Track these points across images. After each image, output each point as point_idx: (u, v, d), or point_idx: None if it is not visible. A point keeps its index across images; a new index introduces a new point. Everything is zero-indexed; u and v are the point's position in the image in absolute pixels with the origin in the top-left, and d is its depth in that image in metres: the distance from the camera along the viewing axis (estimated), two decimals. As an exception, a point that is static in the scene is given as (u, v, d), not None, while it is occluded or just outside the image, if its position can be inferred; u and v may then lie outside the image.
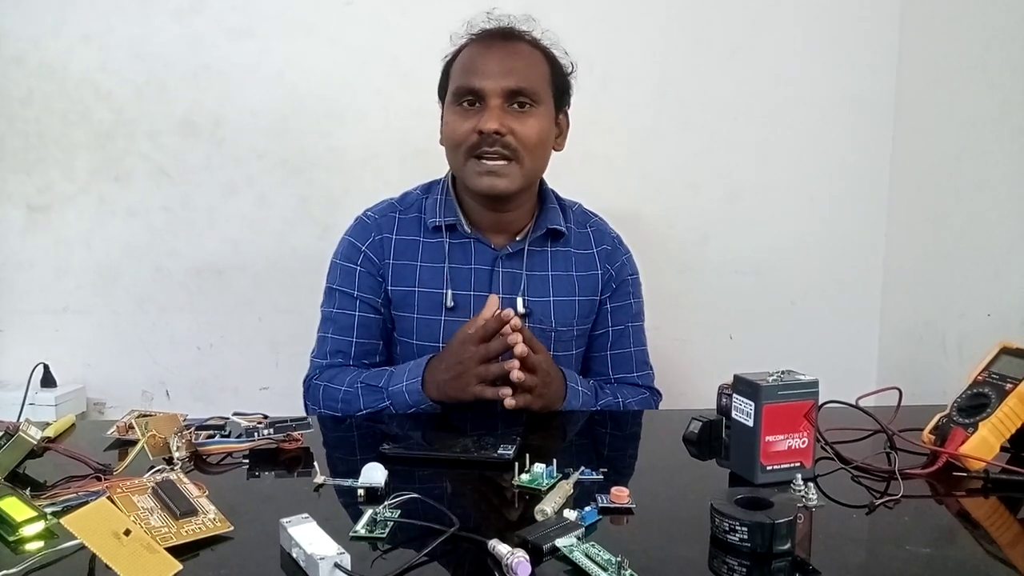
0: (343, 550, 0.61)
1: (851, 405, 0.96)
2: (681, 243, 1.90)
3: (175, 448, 0.87)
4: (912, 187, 1.85)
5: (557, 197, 1.34)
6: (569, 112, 1.32)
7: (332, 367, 1.27)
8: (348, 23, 1.80)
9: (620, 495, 0.77)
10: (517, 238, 1.28)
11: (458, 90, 1.20)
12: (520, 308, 1.24)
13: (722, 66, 1.87)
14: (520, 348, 1.07)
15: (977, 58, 1.62)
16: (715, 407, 1.04)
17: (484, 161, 1.18)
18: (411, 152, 1.79)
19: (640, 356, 1.37)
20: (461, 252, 1.26)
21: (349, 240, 1.30)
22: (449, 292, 1.24)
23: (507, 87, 1.18)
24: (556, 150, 1.29)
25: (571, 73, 1.30)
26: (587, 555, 0.64)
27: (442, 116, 1.27)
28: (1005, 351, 0.95)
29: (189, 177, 1.82)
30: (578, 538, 0.67)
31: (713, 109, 1.88)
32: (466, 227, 1.25)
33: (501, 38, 1.23)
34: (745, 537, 0.66)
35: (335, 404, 1.21)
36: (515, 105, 1.19)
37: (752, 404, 0.83)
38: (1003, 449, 0.90)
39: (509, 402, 1.07)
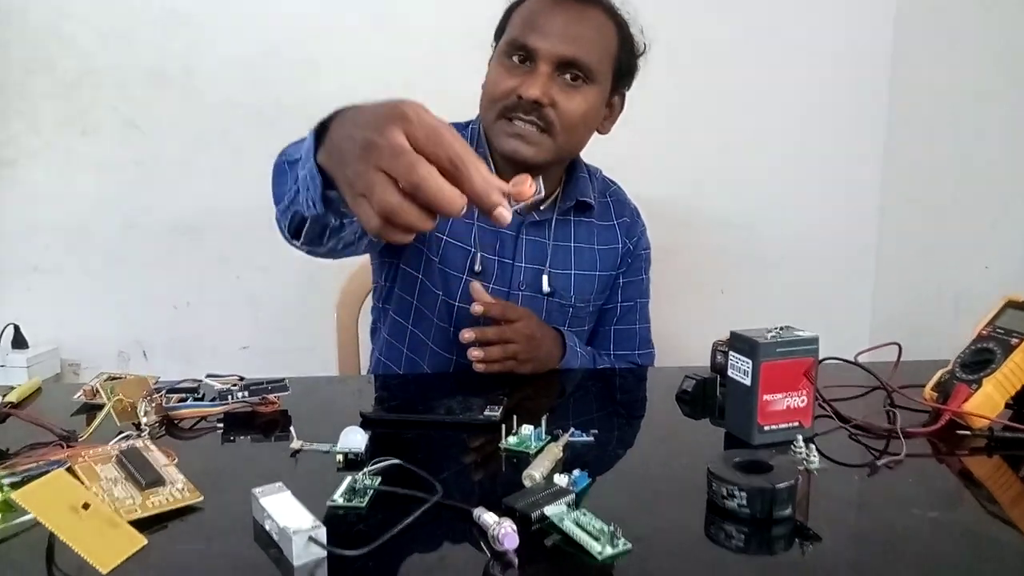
0: (319, 523, 0.57)
1: (850, 361, 0.93)
2: (672, 196, 1.85)
3: (143, 413, 0.83)
4: (907, 138, 1.81)
5: (584, 163, 1.25)
6: (627, 94, 1.20)
7: None
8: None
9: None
10: (543, 207, 1.20)
11: (512, 42, 1.08)
12: (545, 287, 1.18)
13: (714, 13, 1.81)
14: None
15: (977, 2, 1.56)
16: (708, 364, 1.00)
17: (515, 123, 1.08)
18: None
19: (644, 334, 1.33)
20: None
21: None
22: (479, 255, 1.16)
23: (563, 55, 1.06)
24: (600, 133, 1.18)
25: (642, 54, 1.17)
26: (578, 524, 0.60)
27: (491, 60, 1.15)
28: (1011, 304, 0.92)
29: (160, 130, 1.75)
30: (568, 506, 0.63)
31: (704, 57, 1.81)
32: None
33: None
34: (744, 503, 0.63)
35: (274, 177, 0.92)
36: (567, 76, 1.07)
37: (750, 362, 0.80)
38: (1007, 406, 0.87)
39: (479, 367, 1.03)
